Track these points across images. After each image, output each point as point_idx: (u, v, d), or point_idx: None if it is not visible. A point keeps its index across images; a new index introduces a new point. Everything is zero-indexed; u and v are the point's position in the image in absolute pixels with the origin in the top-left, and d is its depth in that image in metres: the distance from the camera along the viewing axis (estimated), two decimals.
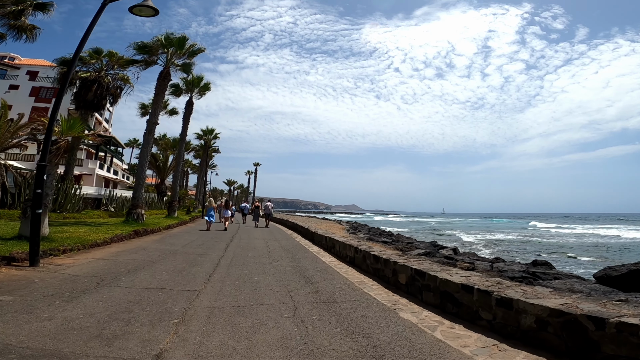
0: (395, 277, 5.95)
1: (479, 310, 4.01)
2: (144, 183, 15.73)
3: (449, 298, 4.52)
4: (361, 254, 7.67)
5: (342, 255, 9.10)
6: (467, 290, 4.22)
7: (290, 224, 21.06)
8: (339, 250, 9.43)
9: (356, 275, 7.08)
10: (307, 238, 14.49)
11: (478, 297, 4.04)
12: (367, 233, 22.69)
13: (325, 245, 10.95)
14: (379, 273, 6.69)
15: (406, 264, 5.66)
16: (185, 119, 24.85)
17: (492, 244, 28.97)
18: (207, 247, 10.50)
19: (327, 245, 10.77)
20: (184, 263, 7.53)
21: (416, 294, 5.28)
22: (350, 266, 8.07)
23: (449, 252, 13.97)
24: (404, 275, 5.67)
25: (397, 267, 5.88)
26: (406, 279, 5.59)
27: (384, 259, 6.46)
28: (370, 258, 7.12)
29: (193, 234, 14.30)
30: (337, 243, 9.56)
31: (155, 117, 16.43)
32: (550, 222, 78.14)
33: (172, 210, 22.49)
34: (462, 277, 4.59)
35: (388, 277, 6.24)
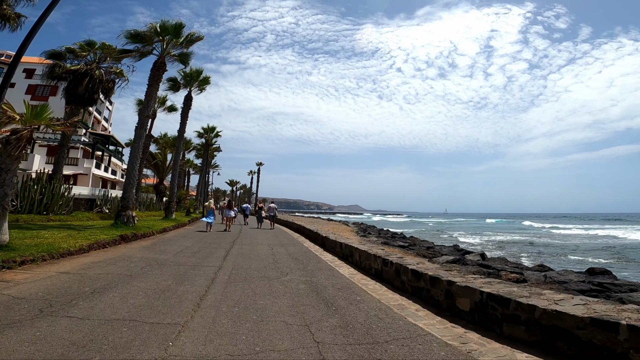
0: (451, 300, 4.41)
1: None
2: (135, 182, 14.27)
3: (560, 335, 2.99)
4: (392, 267, 6.12)
5: (364, 266, 7.55)
6: (602, 326, 2.70)
7: (297, 226, 19.54)
8: (359, 261, 7.88)
9: (389, 295, 5.54)
10: (316, 243, 12.96)
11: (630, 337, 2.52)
12: (379, 236, 21.15)
13: (341, 253, 9.40)
14: (421, 293, 5.14)
15: (469, 285, 4.12)
16: (184, 114, 23.37)
17: (503, 246, 27.30)
18: (203, 255, 8.98)
19: (343, 253, 9.22)
20: (170, 279, 6.01)
21: (491, 325, 3.75)
22: (377, 281, 6.52)
23: (476, 257, 12.42)
24: (466, 299, 4.13)
25: (455, 288, 4.34)
26: (471, 305, 4.05)
27: (429, 276, 4.92)
28: (407, 274, 5.57)
29: (189, 239, 12.79)
30: (357, 251, 8.02)
31: (148, 110, 14.97)
32: (545, 222, 76.94)
33: (169, 212, 21.00)
34: (580, 308, 3.05)
35: (437, 299, 4.71)
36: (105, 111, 49.45)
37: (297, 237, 16.07)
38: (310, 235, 14.45)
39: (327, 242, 11.05)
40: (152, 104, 15.29)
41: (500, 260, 12.32)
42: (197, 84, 24.26)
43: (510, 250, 24.45)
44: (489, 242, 31.45)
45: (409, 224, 70.63)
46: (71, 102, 20.09)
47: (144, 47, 17.69)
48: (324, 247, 11.42)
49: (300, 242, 13.61)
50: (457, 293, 4.29)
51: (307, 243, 13.13)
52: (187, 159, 55.74)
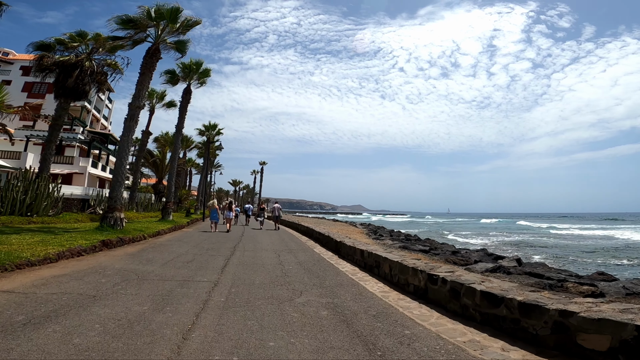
0: (565, 337, 2.87)
1: None
2: (124, 180, 12.79)
3: None
4: (446, 286, 4.56)
5: (397, 281, 6.00)
6: None
7: (304, 228, 17.99)
8: (389, 274, 6.33)
9: (449, 326, 3.97)
10: (328, 248, 11.42)
11: None
12: (393, 238, 19.59)
13: (362, 262, 7.84)
14: (501, 324, 3.61)
15: (608, 318, 2.57)
16: (182, 108, 21.87)
17: (518, 247, 25.53)
18: (197, 265, 7.47)
19: (365, 262, 7.66)
20: (147, 301, 4.49)
21: None
22: (421, 303, 4.96)
23: (512, 263, 10.86)
24: (603, 337, 2.59)
25: (578, 321, 2.79)
26: (613, 344, 2.51)
27: (519, 302, 3.38)
28: (473, 296, 4.01)
29: (185, 244, 11.30)
30: (387, 262, 6.47)
31: (140, 101, 13.49)
32: (543, 222, 75.36)
33: (166, 213, 19.51)
34: None
35: (536, 334, 3.16)
36: (104, 109, 48.19)
37: (305, 240, 14.54)
38: (321, 239, 12.91)
39: (343, 248, 9.51)
40: (144, 94, 13.84)
41: (542, 267, 10.74)
42: (197, 77, 22.77)
43: (527, 251, 22.69)
44: (500, 243, 29.67)
45: (411, 224, 68.76)
46: (60, 95, 18.69)
47: (136, 34, 16.22)
48: (338, 254, 9.86)
49: (309, 247, 12.08)
50: (582, 328, 2.74)
51: (318, 248, 11.58)
52: (189, 158, 54.43)
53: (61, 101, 18.74)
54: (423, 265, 5.51)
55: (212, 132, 36.17)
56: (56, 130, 18.07)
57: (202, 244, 11.22)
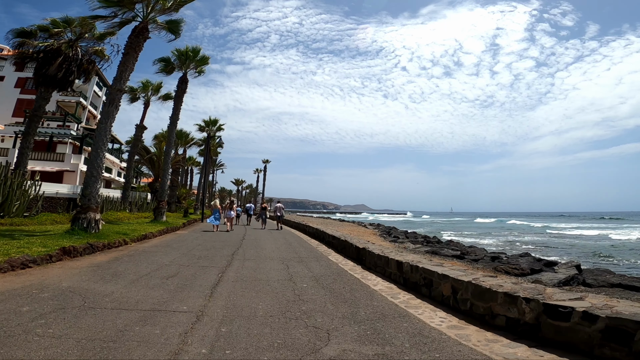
0: None
1: None
2: (100, 175, 10.93)
3: None
4: (597, 323, 2.63)
5: (470, 309, 4.07)
6: None
7: (312, 230, 16.03)
8: (453, 298, 4.39)
9: None
10: (346, 255, 9.49)
11: None
12: (411, 240, 17.63)
13: (401, 277, 5.86)
14: None
15: None
16: (178, 99, 19.97)
17: (542, 248, 23.48)
18: (179, 282, 5.56)
19: (406, 279, 5.66)
20: (70, 356, 2.60)
21: None
22: (532, 347, 3.04)
23: (571, 270, 8.92)
24: None
25: None
26: None
27: None
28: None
29: (174, 250, 9.40)
30: (448, 282, 4.51)
31: (121, 83, 11.61)
32: (540, 221, 73.80)
33: (159, 214, 17.60)
34: None
35: None
36: (101, 106, 46.53)
37: (315, 245, 12.61)
38: (335, 244, 10.97)
39: (369, 257, 7.56)
40: (127, 76, 11.97)
41: (603, 272, 8.78)
42: (194, 65, 20.88)
43: (555, 253, 20.59)
44: (515, 243, 27.61)
45: (408, 224, 66.36)
46: (40, 84, 16.91)
47: (123, 13, 14.32)
48: (362, 264, 7.92)
49: (322, 253, 10.14)
50: None
51: (334, 256, 9.64)
52: (189, 157, 52.68)
53: (41, 90, 16.94)
54: (511, 288, 3.57)
55: (213, 127, 34.32)
56: (34, 122, 16.25)
57: (194, 251, 9.32)
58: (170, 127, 18.79)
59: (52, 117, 32.20)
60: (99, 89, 44.59)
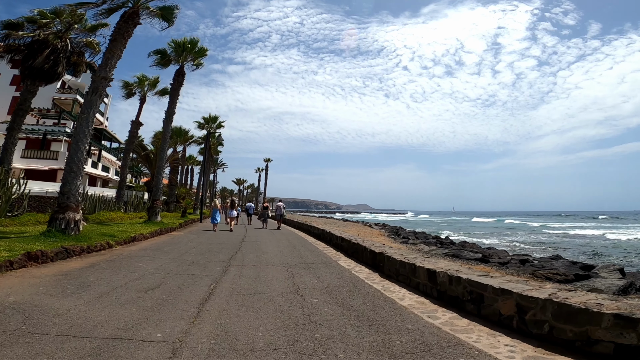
0: None
1: None
2: (81, 169, 9.88)
3: None
4: None
5: (552, 334, 3.00)
6: None
7: (317, 231, 14.92)
8: (504, 315, 3.33)
9: None
10: (359, 260, 8.42)
11: None
12: (424, 241, 16.53)
13: (434, 290, 4.77)
14: None
15: None
16: (174, 92, 18.91)
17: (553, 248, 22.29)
18: (160, 296, 4.49)
19: (442, 292, 4.57)
20: None
21: None
22: None
23: (614, 273, 7.81)
24: None
25: None
26: None
27: None
28: None
29: (163, 255, 8.35)
30: (511, 297, 3.44)
31: (106, 71, 10.57)
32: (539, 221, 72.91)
33: (153, 214, 16.30)
34: None
35: None
36: (100, 104, 45.58)
37: (321, 248, 11.54)
38: (345, 247, 9.87)
39: (388, 263, 6.46)
40: (113, 63, 10.94)
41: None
42: (192, 57, 19.84)
43: (570, 253, 19.36)
44: (526, 243, 26.41)
45: (404, 224, 64.97)
46: (26, 77, 15.93)
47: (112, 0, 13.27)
48: (379, 272, 6.82)
49: (330, 257, 9.06)
50: None
51: (345, 261, 8.55)
52: (190, 155, 51.74)
53: (27, 83, 15.96)
54: (620, 306, 2.50)
55: (213, 125, 33.27)
56: (19, 116, 15.29)
57: (186, 255, 8.26)
58: (165, 122, 17.73)
59: (47, 114, 31.22)
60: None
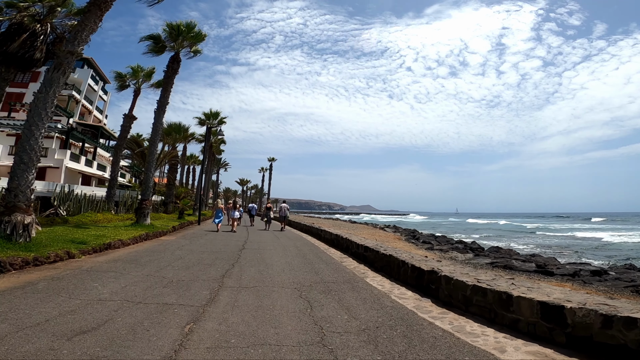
0: None
1: None
2: (34, 161, 8.01)
3: None
4: None
5: None
6: None
7: (331, 236, 12.78)
8: None
9: None
10: (391, 275, 6.47)
11: None
12: (453, 247, 14.55)
13: (566, 335, 2.86)
14: None
15: None
16: (167, 80, 16.97)
17: (595, 253, 20.08)
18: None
19: (597, 340, 2.67)
20: None
21: None
22: None
23: None
24: None
25: None
26: None
27: None
28: None
29: (135, 269, 6.44)
30: None
31: (74, 45, 8.67)
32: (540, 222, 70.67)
33: (142, 215, 14.17)
34: None
35: None
36: (97, 101, 43.89)
37: (338, 257, 9.59)
38: (371, 258, 7.88)
39: (448, 287, 4.48)
40: (85, 37, 9.08)
41: None
42: (188, 43, 17.99)
43: (595, 257, 17.13)
44: (541, 246, 24.12)
45: (400, 225, 62.39)
46: (1, 63, 14.12)
47: None
48: (430, 296, 4.88)
49: (354, 272, 7.10)
50: None
51: (373, 277, 6.59)
52: (191, 154, 50.02)
53: (2, 70, 14.18)
54: None
55: (214, 120, 31.44)
56: None
57: (166, 270, 6.35)
58: (157, 113, 15.83)
59: None
60: (94, 83, 41.98)
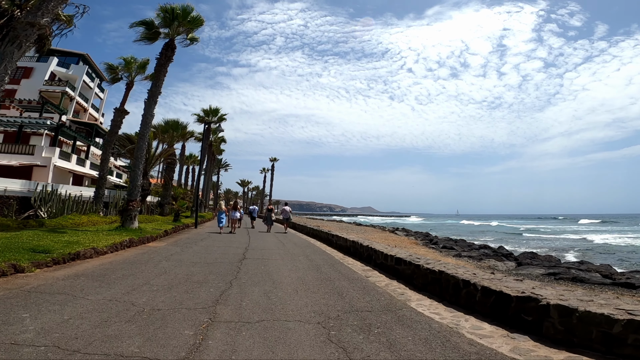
0: None
1: None
2: None
3: None
4: None
5: None
6: None
7: (346, 242, 11.06)
8: None
9: None
10: (442, 297, 4.84)
11: None
12: (488, 255, 12.92)
13: None
14: None
15: None
16: (160, 68, 15.29)
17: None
18: None
19: None
20: None
21: None
22: None
23: None
24: None
25: None
26: None
27: None
28: None
29: (96, 291, 4.81)
30: None
31: (36, 16, 7.18)
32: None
33: (127, 219, 12.52)
34: None
35: None
36: (93, 98, 42.37)
37: (360, 269, 7.97)
38: (407, 273, 6.25)
39: (577, 325, 2.90)
40: (53, 8, 7.58)
41: None
42: (184, 28, 16.40)
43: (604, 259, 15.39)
44: (552, 249, 22.47)
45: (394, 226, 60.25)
46: None
47: None
48: (532, 335, 3.26)
49: (391, 294, 5.48)
50: None
51: (418, 300, 4.98)
52: (190, 154, 48.55)
53: None
54: None
55: (213, 117, 29.87)
56: None
57: (142, 290, 4.73)
58: (148, 102, 14.18)
59: (29, 105, 28.01)
60: (90, 80, 40.44)
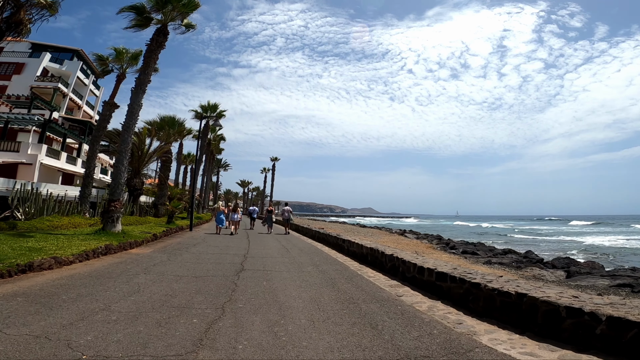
0: None
1: None
2: None
3: None
4: None
5: None
6: None
7: (361, 250, 9.63)
8: None
9: None
10: (509, 326, 3.40)
11: None
12: (532, 264, 11.51)
13: None
14: None
15: None
16: (149, 55, 13.76)
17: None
18: None
19: None
20: None
21: None
22: None
23: None
24: None
25: None
26: None
27: None
28: None
29: (33, 320, 3.38)
30: None
31: None
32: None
33: (109, 221, 10.97)
34: None
35: None
36: (88, 95, 41.00)
37: (385, 285, 6.55)
38: (456, 293, 4.83)
39: None
40: None
41: None
42: (178, 12, 14.97)
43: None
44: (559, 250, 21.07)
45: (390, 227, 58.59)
46: None
47: None
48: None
49: (432, 316, 4.07)
50: None
51: (489, 335, 3.57)
52: (188, 153, 47.04)
53: None
54: None
55: (212, 113, 28.48)
56: None
57: (93, 321, 3.32)
58: (135, 91, 12.70)
59: (17, 101, 26.62)
60: (84, 76, 39.09)
